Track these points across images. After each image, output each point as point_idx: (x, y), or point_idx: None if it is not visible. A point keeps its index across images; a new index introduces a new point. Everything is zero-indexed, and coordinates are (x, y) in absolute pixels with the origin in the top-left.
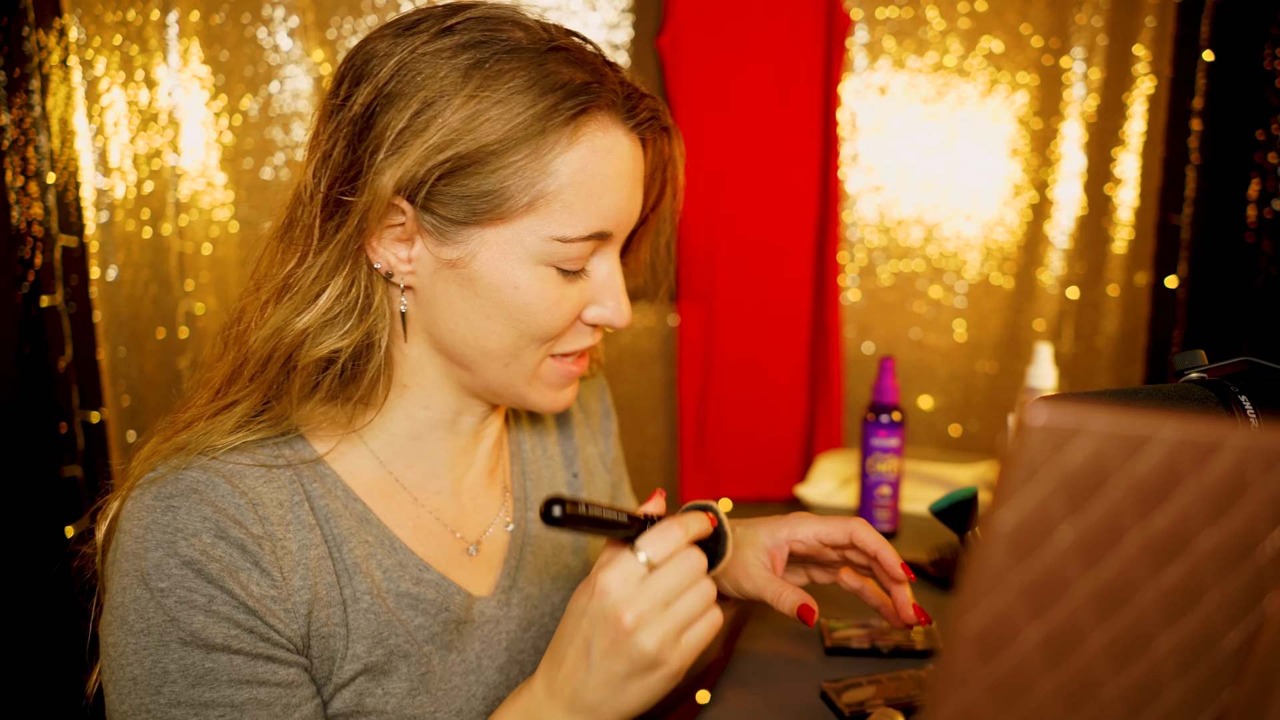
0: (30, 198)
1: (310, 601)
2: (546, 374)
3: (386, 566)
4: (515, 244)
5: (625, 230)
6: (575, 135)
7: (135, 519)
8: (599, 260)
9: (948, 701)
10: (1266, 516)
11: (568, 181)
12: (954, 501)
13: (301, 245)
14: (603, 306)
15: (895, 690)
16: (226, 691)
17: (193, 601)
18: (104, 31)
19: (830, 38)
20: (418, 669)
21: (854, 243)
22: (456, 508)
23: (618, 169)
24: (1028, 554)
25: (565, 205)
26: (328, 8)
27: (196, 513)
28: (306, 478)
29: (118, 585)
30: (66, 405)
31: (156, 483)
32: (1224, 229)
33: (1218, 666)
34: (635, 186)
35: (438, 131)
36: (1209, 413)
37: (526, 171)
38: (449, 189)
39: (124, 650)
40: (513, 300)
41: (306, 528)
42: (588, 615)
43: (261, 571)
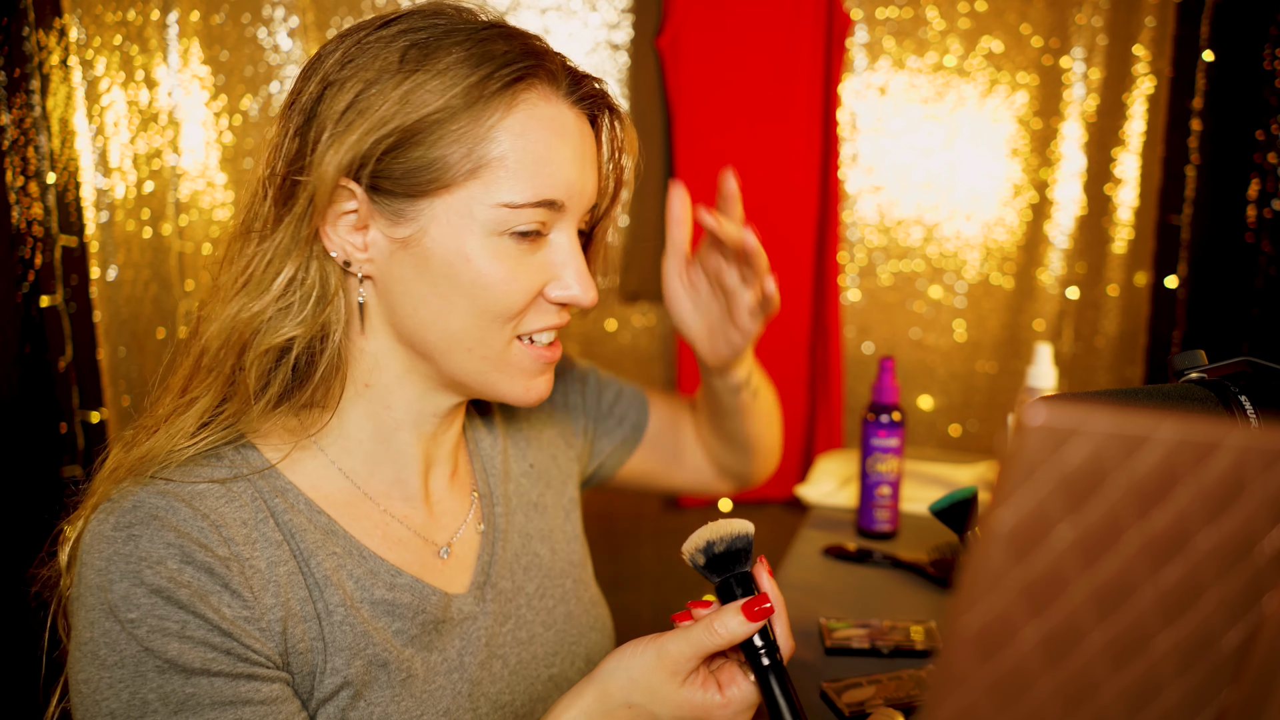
0: (30, 198)
1: (284, 618)
2: (517, 358)
3: (357, 576)
4: (464, 215)
5: (578, 205)
6: (514, 102)
7: (96, 551)
8: (557, 235)
9: (947, 701)
10: (1265, 516)
11: (510, 148)
12: (954, 501)
13: (258, 233)
14: (564, 282)
15: (895, 690)
16: (211, 715)
17: (165, 629)
18: (104, 31)
19: (830, 38)
20: (398, 675)
21: (854, 243)
22: (425, 513)
23: (562, 138)
24: (1026, 554)
25: (509, 171)
26: (328, 8)
27: (159, 539)
28: (268, 493)
29: (84, 620)
30: (66, 405)
31: (115, 511)
32: (1224, 229)
33: (1216, 666)
34: (585, 161)
35: (378, 108)
36: (1209, 413)
37: (467, 138)
38: (394, 164)
39: (97, 685)
40: (467, 274)
41: (273, 544)
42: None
43: (232, 593)
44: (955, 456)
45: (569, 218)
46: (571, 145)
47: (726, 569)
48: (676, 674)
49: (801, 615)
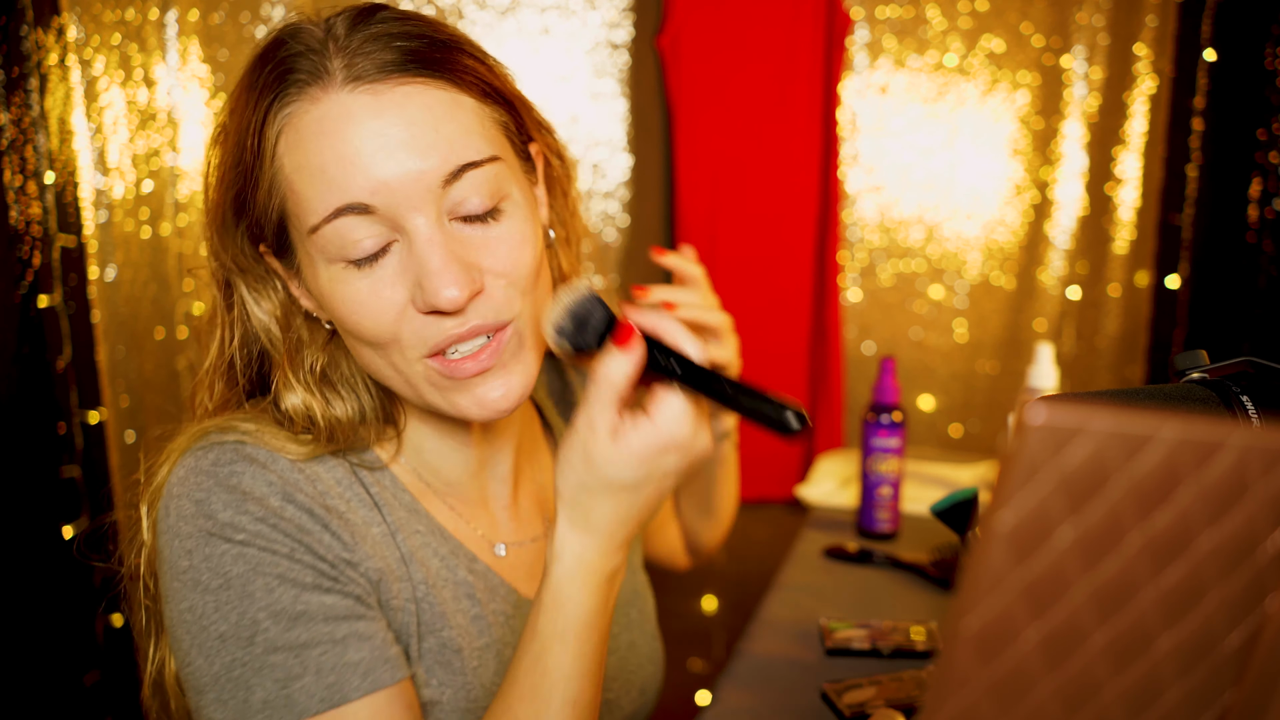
0: (29, 197)
1: (381, 570)
2: (433, 377)
3: (443, 555)
4: (306, 253)
5: (401, 193)
6: (279, 125)
7: (194, 484)
8: (404, 241)
9: (948, 702)
10: (1267, 517)
11: (291, 171)
12: (954, 502)
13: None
14: (421, 290)
15: (896, 691)
16: (324, 629)
17: (274, 549)
18: (103, 30)
19: (830, 37)
20: (470, 662)
21: (854, 243)
22: (483, 513)
23: (333, 136)
24: (1028, 554)
25: (297, 195)
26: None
27: (261, 478)
28: (358, 468)
29: (179, 550)
30: (65, 405)
31: (214, 450)
32: (1225, 229)
33: (1218, 667)
34: (380, 143)
35: (222, 176)
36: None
37: (264, 179)
38: (254, 224)
39: (203, 611)
40: (333, 311)
41: (366, 506)
42: (676, 471)
43: (332, 535)
44: (956, 457)
45: (404, 213)
46: (350, 138)
47: (592, 335)
48: (604, 435)
49: (802, 616)
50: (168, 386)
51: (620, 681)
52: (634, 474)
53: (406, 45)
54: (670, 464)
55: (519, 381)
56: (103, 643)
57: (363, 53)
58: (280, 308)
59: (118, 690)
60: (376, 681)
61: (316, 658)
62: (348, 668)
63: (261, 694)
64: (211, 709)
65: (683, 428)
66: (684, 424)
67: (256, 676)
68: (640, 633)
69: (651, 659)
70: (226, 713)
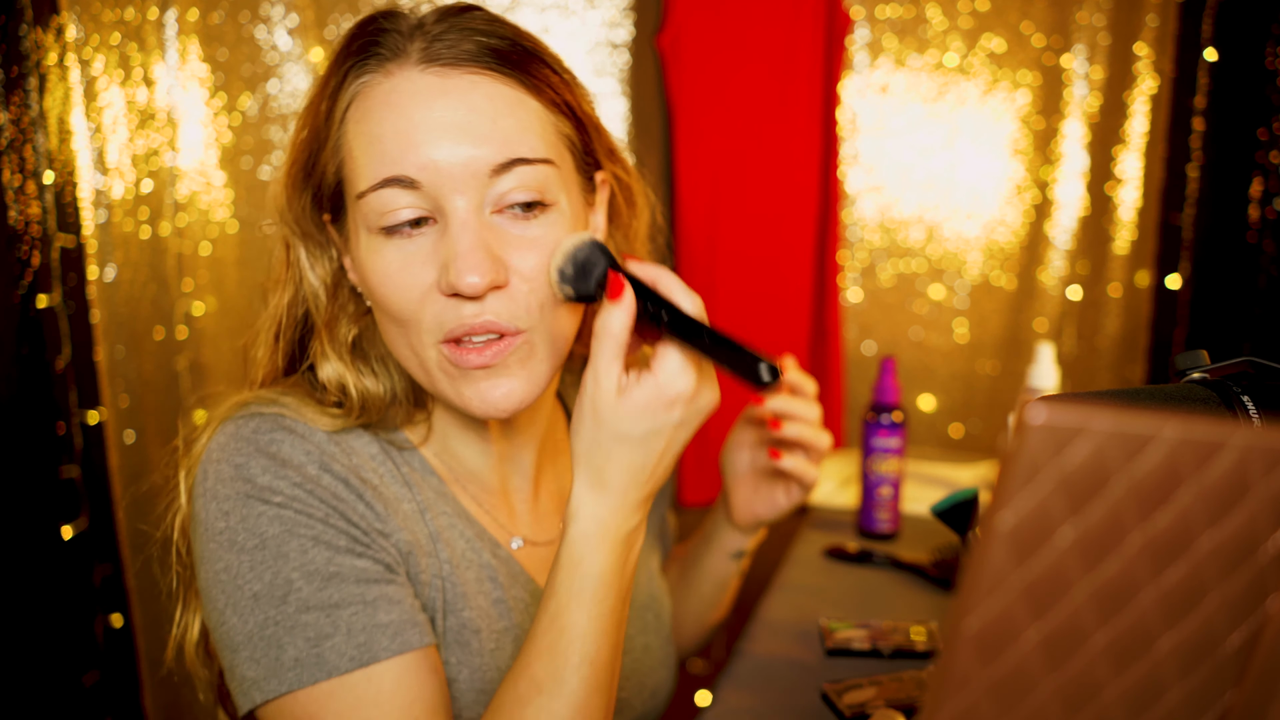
0: (28, 197)
1: (410, 544)
2: (443, 365)
3: (468, 537)
4: (354, 220)
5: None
6: (354, 93)
7: (234, 449)
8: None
9: (948, 703)
10: (1268, 517)
11: (353, 136)
12: (955, 502)
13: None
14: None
15: (896, 691)
16: (355, 590)
17: (310, 513)
18: (102, 30)
19: (830, 37)
20: (488, 644)
21: (854, 243)
22: (505, 507)
23: (396, 110)
24: (1028, 555)
25: (354, 160)
26: (326, 6)
27: (299, 447)
28: (390, 448)
29: (217, 511)
30: (64, 405)
31: (255, 418)
32: (1226, 229)
33: (1219, 668)
34: (438, 123)
35: (297, 138)
36: (1211, 413)
37: (330, 141)
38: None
39: (238, 570)
40: (365, 282)
41: (399, 483)
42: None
43: (366, 505)
44: (956, 457)
45: (447, 194)
46: (410, 114)
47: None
48: (608, 389)
49: (802, 616)
50: (167, 386)
51: (634, 682)
52: (640, 426)
53: (486, 41)
54: (675, 417)
55: (522, 387)
56: (103, 643)
57: (442, 40)
58: (331, 276)
59: (118, 690)
60: (405, 643)
61: (348, 618)
62: (378, 629)
63: (293, 652)
64: (244, 667)
65: (683, 381)
66: (683, 377)
67: (289, 635)
68: (655, 636)
69: (664, 663)
70: (259, 670)
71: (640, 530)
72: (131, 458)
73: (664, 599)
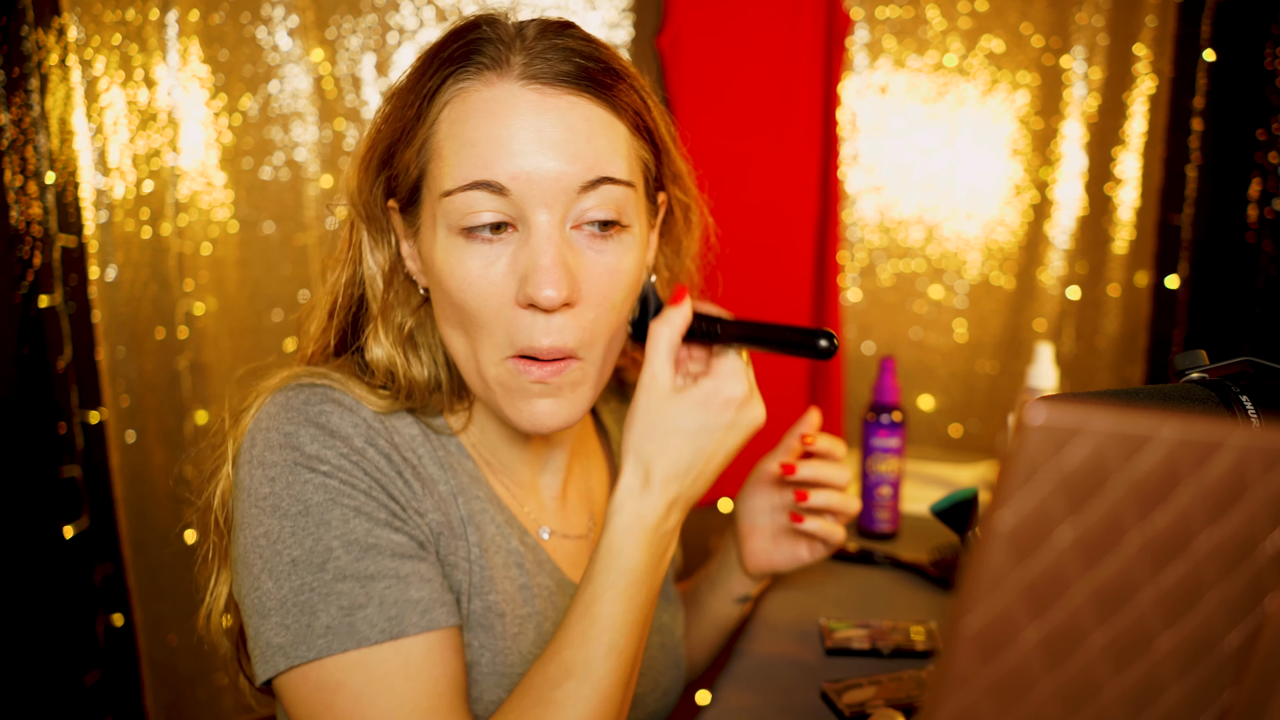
0: (29, 197)
1: (442, 524)
2: (506, 378)
3: (499, 523)
4: (431, 215)
5: (537, 188)
6: (450, 95)
7: (284, 418)
8: (524, 232)
9: (947, 702)
10: (1267, 516)
11: (445, 137)
12: (954, 502)
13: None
14: (526, 281)
15: (896, 691)
16: (391, 564)
17: (354, 484)
18: (103, 31)
19: (830, 37)
20: (512, 628)
21: (854, 243)
22: (536, 501)
23: (495, 119)
24: (1027, 554)
25: (444, 160)
26: (327, 7)
27: (347, 420)
28: (430, 432)
29: (263, 477)
30: (65, 405)
31: (306, 389)
32: (1225, 229)
33: (1218, 667)
34: (535, 137)
35: (381, 125)
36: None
37: (419, 137)
38: (395, 181)
39: (278, 536)
40: (437, 279)
41: (436, 464)
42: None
43: (405, 482)
44: (956, 456)
45: (533, 206)
46: (509, 124)
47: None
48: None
49: (802, 616)
50: (168, 386)
51: (648, 679)
52: (694, 420)
53: (583, 64)
54: (727, 419)
55: (567, 411)
56: (103, 642)
57: (543, 57)
58: (389, 262)
59: (118, 690)
60: (434, 621)
61: (381, 590)
62: (409, 604)
63: (325, 619)
64: (273, 632)
65: (737, 385)
66: (738, 382)
67: (323, 602)
68: (670, 636)
69: (678, 663)
70: (288, 636)
71: (675, 534)
72: (132, 457)
73: (677, 602)
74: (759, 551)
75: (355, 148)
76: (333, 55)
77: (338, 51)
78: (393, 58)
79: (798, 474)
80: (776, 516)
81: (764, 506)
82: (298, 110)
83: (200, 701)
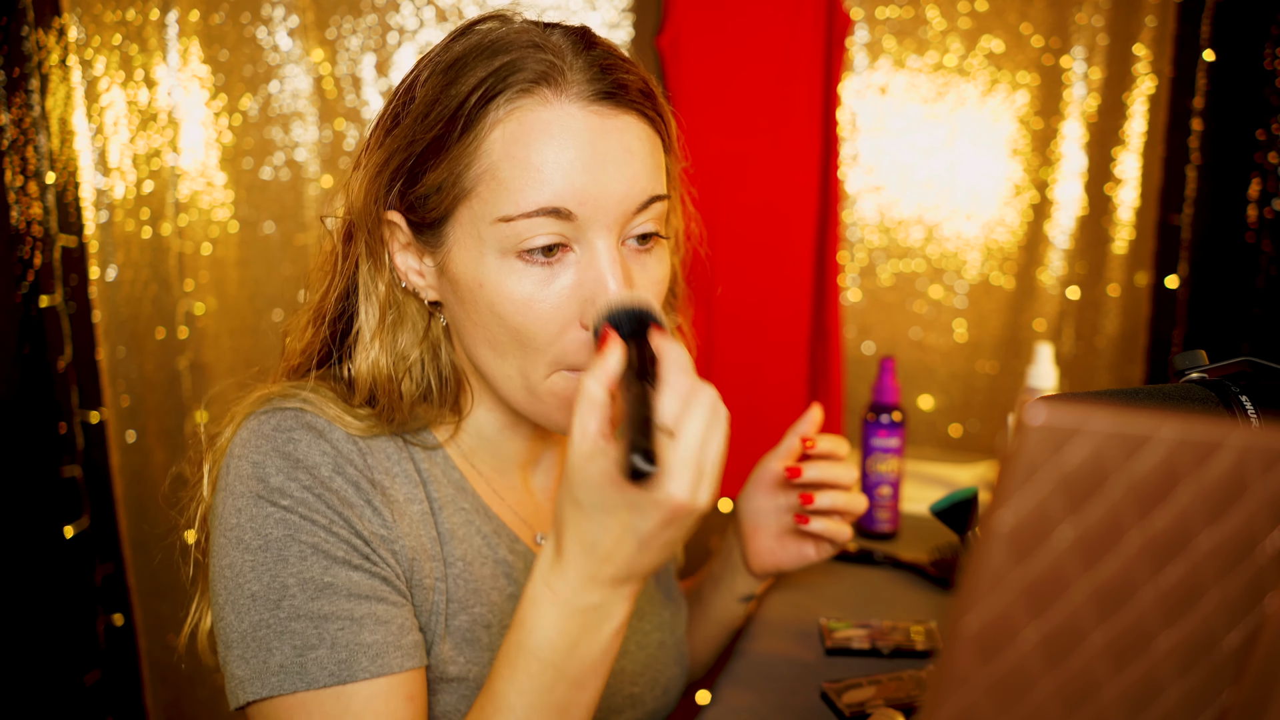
0: (30, 197)
1: (414, 549)
2: (559, 387)
3: (485, 533)
4: (474, 236)
5: (602, 212)
6: (504, 113)
7: (254, 446)
8: (585, 251)
9: (947, 702)
10: (1266, 516)
11: (500, 158)
12: (954, 502)
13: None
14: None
15: (895, 690)
16: (345, 605)
17: (314, 520)
18: (103, 31)
19: (830, 37)
20: (500, 639)
21: (854, 243)
22: (530, 504)
23: (558, 141)
24: (1027, 554)
25: (500, 183)
26: (327, 7)
27: (316, 447)
28: (412, 444)
29: (231, 508)
30: (66, 405)
31: (277, 414)
32: (1224, 229)
33: (1218, 667)
34: (604, 162)
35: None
36: (1209, 413)
37: (463, 157)
38: (414, 192)
39: (241, 569)
40: (484, 299)
41: (411, 483)
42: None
43: (374, 510)
44: (956, 456)
45: (595, 228)
46: (572, 148)
47: None
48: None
49: (802, 616)
50: (168, 386)
51: (647, 678)
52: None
53: (634, 83)
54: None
55: None
56: (104, 642)
57: (597, 77)
58: (387, 273)
59: (119, 689)
60: (384, 666)
61: (334, 632)
62: (360, 648)
63: (280, 657)
64: (235, 665)
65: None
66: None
67: (278, 640)
68: (670, 634)
69: (679, 661)
70: (247, 670)
71: (613, 614)
72: (132, 457)
73: (682, 601)
74: (764, 551)
75: (358, 156)
76: (333, 55)
77: (338, 52)
78: (393, 58)
79: (804, 476)
80: (781, 517)
81: (768, 507)
82: (298, 110)
83: (200, 701)
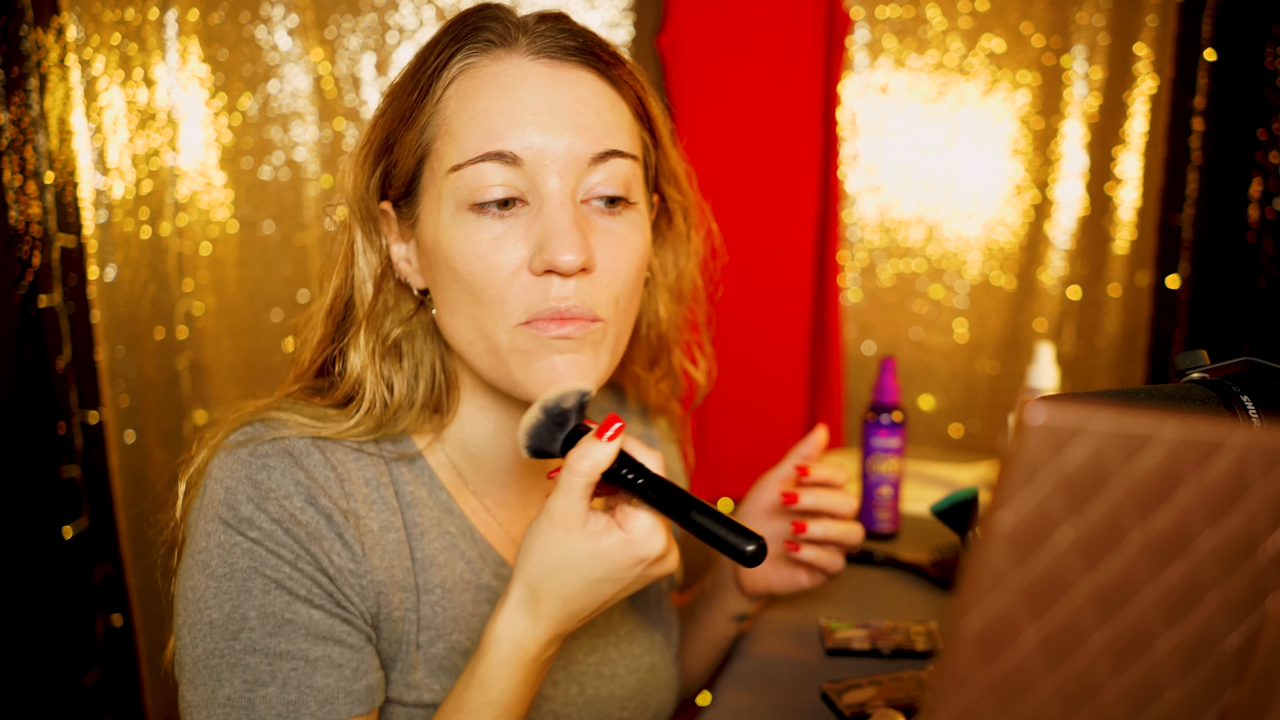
0: (28, 197)
1: (384, 583)
2: (522, 344)
3: (470, 558)
4: (435, 197)
5: (549, 160)
6: (456, 73)
7: (228, 471)
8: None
9: (948, 702)
10: (1268, 517)
11: (454, 112)
12: (955, 502)
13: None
14: (541, 247)
15: (896, 691)
16: (302, 645)
17: (280, 554)
18: (102, 30)
19: (830, 37)
20: None
21: (854, 243)
22: (524, 517)
23: (505, 91)
24: (1028, 554)
25: (452, 134)
26: (327, 7)
27: (290, 475)
28: (395, 462)
29: (202, 531)
30: (65, 405)
31: (253, 439)
32: (1225, 229)
33: (1219, 667)
34: (554, 113)
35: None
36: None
37: (420, 121)
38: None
39: (203, 594)
40: (443, 259)
41: (389, 510)
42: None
43: (344, 544)
44: (956, 457)
45: (546, 177)
46: (520, 95)
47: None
48: (571, 526)
49: (802, 616)
50: (168, 386)
51: (637, 702)
52: (597, 569)
53: (586, 41)
54: (634, 574)
55: (588, 368)
56: (103, 642)
57: (547, 36)
58: (380, 265)
59: (118, 690)
60: (333, 713)
61: (287, 671)
62: (310, 690)
63: (228, 690)
64: (186, 688)
65: (656, 542)
66: (657, 538)
67: (230, 671)
68: (662, 657)
69: (669, 684)
70: (196, 696)
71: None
72: (132, 457)
73: (673, 622)
74: (756, 573)
75: (352, 147)
76: (332, 55)
77: (337, 51)
78: (392, 57)
79: (800, 503)
80: (775, 541)
81: (763, 530)
82: (297, 110)
83: None
